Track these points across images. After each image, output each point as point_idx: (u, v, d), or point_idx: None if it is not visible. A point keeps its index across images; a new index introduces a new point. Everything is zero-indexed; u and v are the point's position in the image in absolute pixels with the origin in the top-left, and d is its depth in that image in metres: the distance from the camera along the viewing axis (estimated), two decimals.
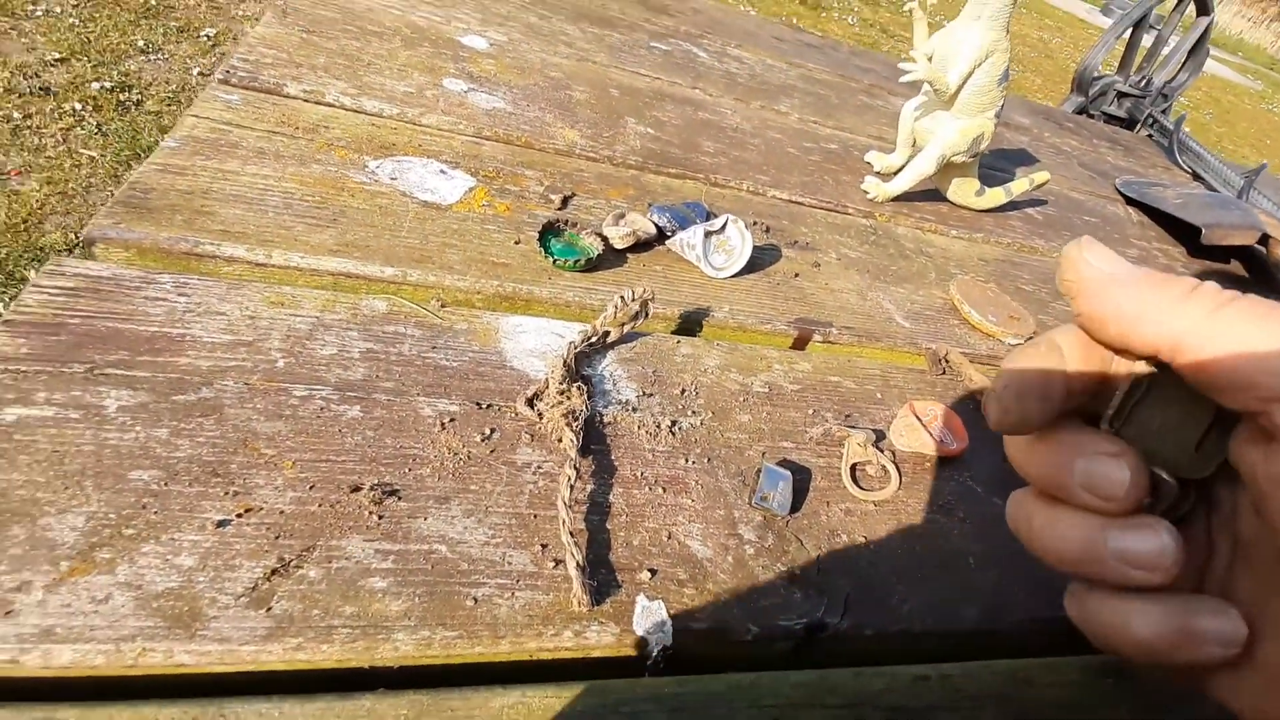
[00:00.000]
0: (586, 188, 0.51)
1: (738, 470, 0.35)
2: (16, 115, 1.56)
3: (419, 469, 0.29)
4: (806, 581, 0.31)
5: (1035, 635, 0.34)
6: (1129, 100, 1.45)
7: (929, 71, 0.58)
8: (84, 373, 0.28)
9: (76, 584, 0.22)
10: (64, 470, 0.25)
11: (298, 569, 0.25)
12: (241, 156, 0.41)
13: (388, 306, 0.36)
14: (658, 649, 0.27)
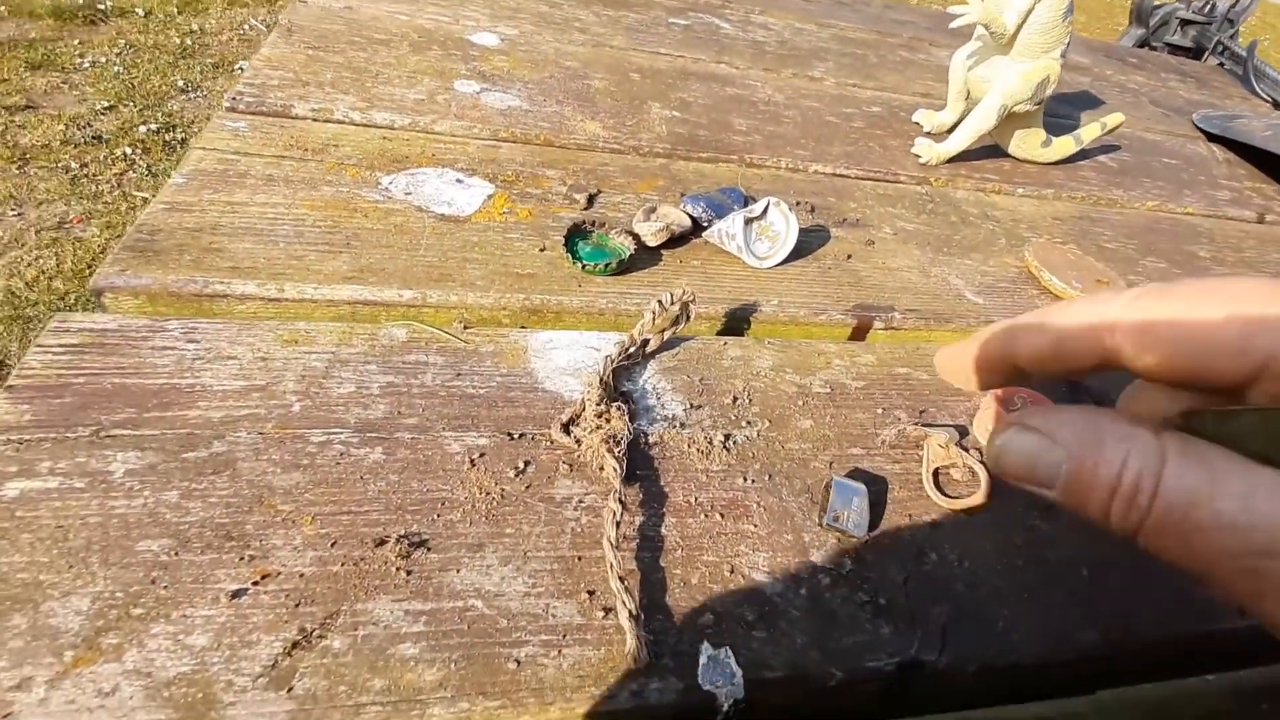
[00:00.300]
0: (612, 183, 0.48)
1: (804, 486, 0.31)
2: (74, 165, 1.63)
3: (449, 514, 0.27)
4: (894, 612, 0.27)
5: (1171, 654, 0.29)
6: (1194, 28, 1.33)
7: (983, 13, 0.52)
8: (89, 436, 0.26)
9: (81, 675, 0.20)
10: (68, 547, 0.23)
11: (321, 640, 0.22)
12: (250, 186, 0.39)
13: (407, 334, 0.33)
14: (729, 703, 0.24)
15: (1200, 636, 0.29)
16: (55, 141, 1.67)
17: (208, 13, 2.28)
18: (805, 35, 0.82)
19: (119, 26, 2.12)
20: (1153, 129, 0.83)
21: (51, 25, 2.03)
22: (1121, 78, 0.99)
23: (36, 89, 1.80)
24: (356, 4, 0.62)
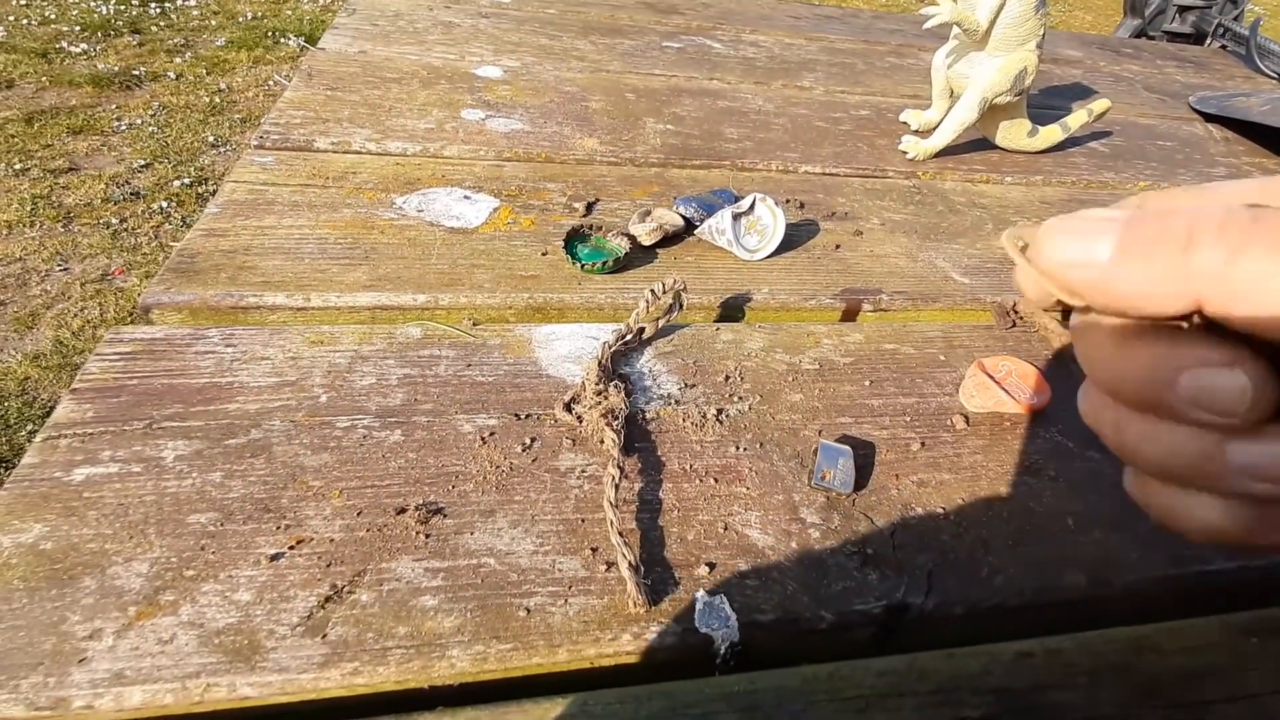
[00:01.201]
0: (610, 191, 0.51)
1: (794, 452, 0.33)
2: (115, 220, 1.72)
3: (462, 485, 0.29)
4: (881, 561, 0.29)
5: (1156, 597, 0.30)
6: (1193, 13, 1.33)
7: (955, 12, 0.55)
8: (143, 428, 0.29)
9: (144, 627, 0.23)
10: (128, 521, 0.26)
11: (350, 594, 0.25)
12: (278, 212, 0.43)
13: (422, 332, 0.36)
14: (725, 646, 0.26)
15: (1187, 577, 0.30)
16: (97, 200, 1.77)
17: (234, 72, 2.41)
18: (794, 49, 0.85)
19: (153, 90, 2.25)
20: (1147, 114, 0.84)
21: (90, 92, 2.16)
22: (1115, 67, 1.01)
23: (78, 152, 1.92)
24: (370, 48, 0.67)
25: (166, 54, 2.44)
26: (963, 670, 0.25)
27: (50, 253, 1.59)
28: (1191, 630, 0.28)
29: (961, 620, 0.28)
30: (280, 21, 2.75)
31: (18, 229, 1.64)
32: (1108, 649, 0.27)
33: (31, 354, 1.36)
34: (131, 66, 2.32)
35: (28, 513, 0.26)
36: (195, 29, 2.64)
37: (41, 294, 1.51)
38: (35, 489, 0.26)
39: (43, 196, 1.73)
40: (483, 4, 0.83)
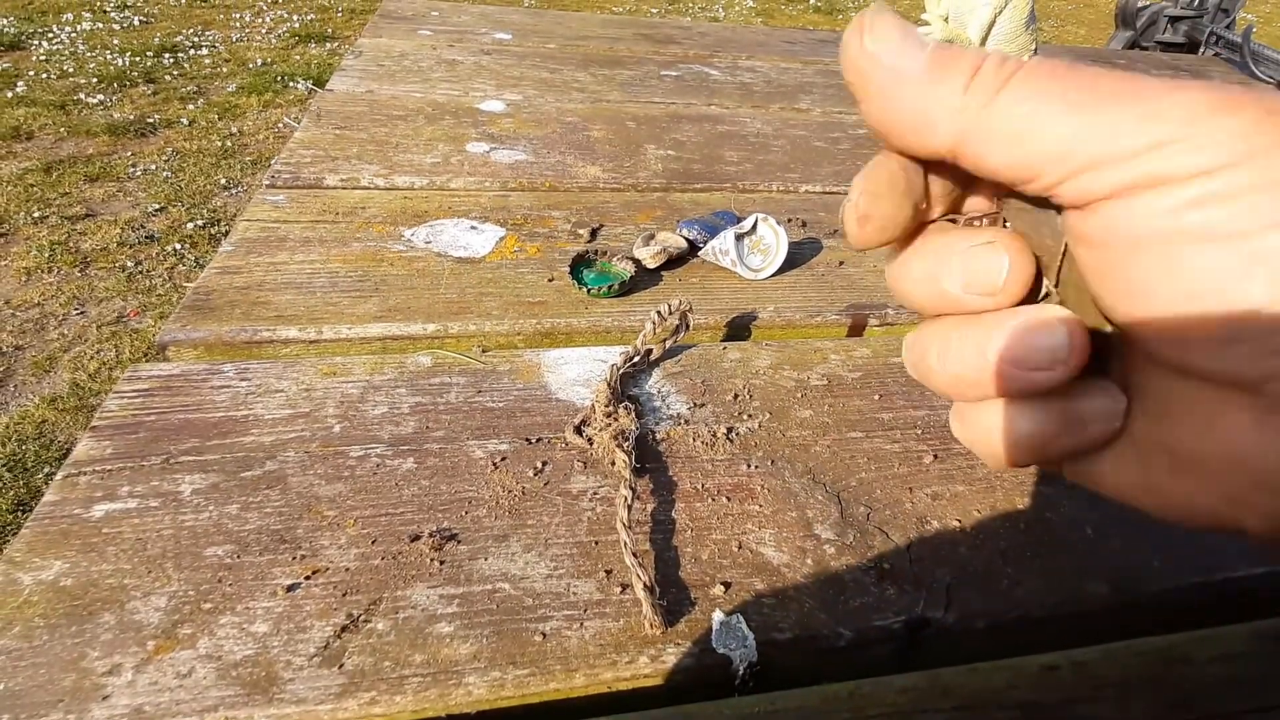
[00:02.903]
0: (614, 217, 0.52)
1: (805, 469, 0.33)
2: (130, 264, 1.76)
3: (475, 510, 0.29)
4: (899, 576, 0.28)
5: (1182, 606, 0.29)
6: (1184, 23, 1.35)
7: (946, 30, 0.56)
8: (161, 463, 0.29)
9: (162, 661, 0.23)
10: (147, 555, 0.26)
11: (366, 623, 0.25)
12: (290, 248, 0.44)
13: (432, 360, 0.37)
14: (743, 666, 0.25)
15: (1213, 585, 0.30)
16: (113, 244, 1.81)
17: (245, 116, 2.47)
18: (791, 73, 0.87)
19: (166, 136, 2.31)
20: None
21: (106, 141, 2.22)
22: None
23: (95, 198, 1.97)
24: (376, 87, 0.69)
25: (180, 101, 2.51)
26: (987, 685, 0.25)
27: (67, 297, 1.63)
28: (1221, 639, 0.28)
29: (983, 634, 0.28)
30: (289, 67, 2.83)
31: (36, 275, 1.68)
32: (1135, 660, 0.26)
33: (49, 397, 1.38)
34: (146, 115, 2.39)
35: (48, 550, 0.26)
36: (207, 76, 2.72)
37: (59, 337, 1.54)
38: (55, 526, 0.27)
39: (60, 243, 1.77)
40: (484, 41, 0.86)
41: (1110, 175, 0.13)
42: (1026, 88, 0.13)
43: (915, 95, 0.14)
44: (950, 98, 0.14)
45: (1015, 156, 0.13)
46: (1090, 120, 0.13)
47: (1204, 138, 0.12)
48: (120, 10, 3.28)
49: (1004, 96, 0.13)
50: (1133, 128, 0.12)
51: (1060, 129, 0.13)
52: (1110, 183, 0.13)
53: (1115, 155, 0.12)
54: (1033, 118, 0.13)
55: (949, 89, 0.14)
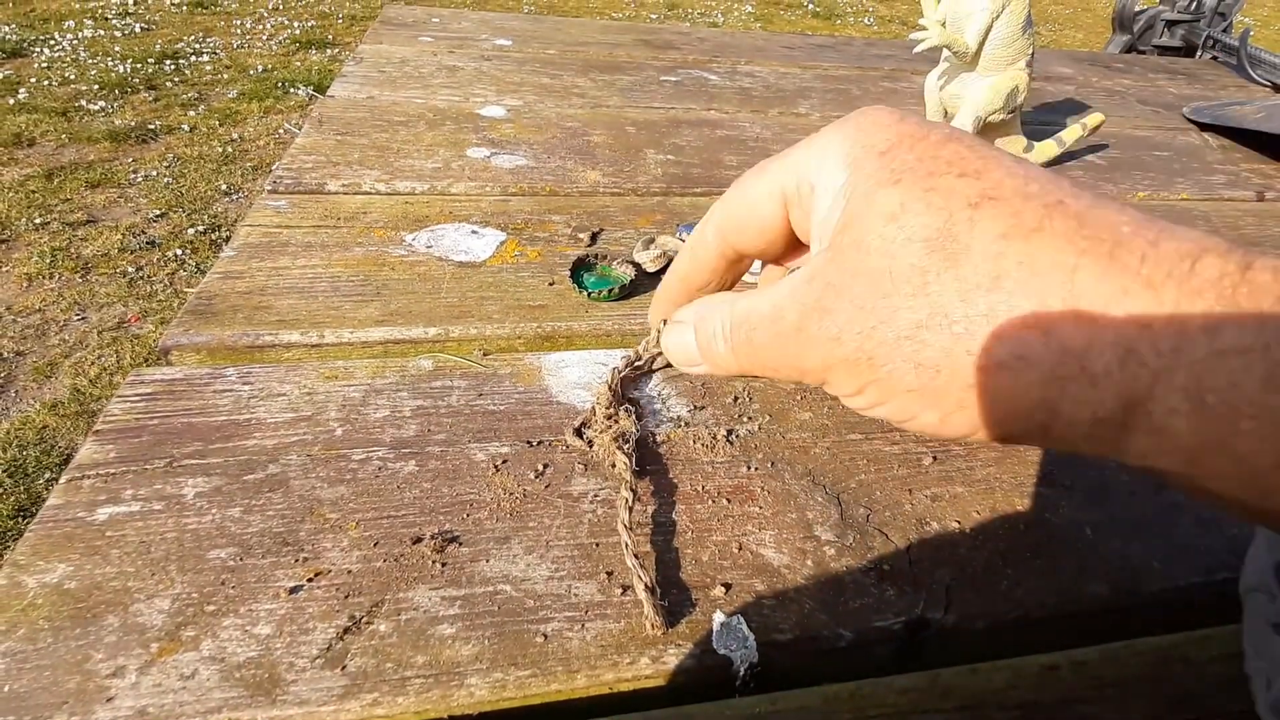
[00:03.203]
0: (614, 221, 0.52)
1: (806, 470, 0.33)
2: (131, 269, 1.76)
3: (477, 513, 0.29)
4: (899, 577, 0.29)
5: (1182, 606, 0.29)
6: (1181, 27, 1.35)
7: (943, 36, 0.56)
8: (164, 467, 0.30)
9: (166, 663, 0.23)
10: (150, 558, 0.26)
11: (368, 625, 0.25)
12: (291, 253, 0.44)
13: (433, 364, 0.37)
14: (744, 666, 0.25)
15: (1212, 585, 0.30)
16: (114, 250, 1.81)
17: (246, 122, 2.48)
18: (790, 78, 0.87)
19: (167, 142, 2.32)
20: (1142, 126, 0.85)
21: (107, 147, 2.23)
22: (1107, 82, 1.02)
23: (96, 205, 1.97)
24: (377, 93, 0.69)
25: (181, 108, 2.52)
26: (987, 685, 0.25)
27: (68, 303, 1.63)
28: (1221, 639, 0.28)
29: (983, 634, 0.28)
30: (290, 73, 2.84)
31: (38, 281, 1.68)
32: (1135, 660, 0.27)
33: (50, 402, 1.38)
34: (147, 121, 2.40)
35: (52, 553, 0.26)
36: (208, 83, 2.73)
37: (60, 343, 1.54)
38: (59, 529, 0.27)
39: (62, 249, 1.78)
40: (485, 48, 0.86)
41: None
42: (742, 349, 0.19)
43: (722, 372, 0.21)
44: (727, 369, 0.20)
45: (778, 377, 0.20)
46: (782, 373, 0.19)
47: (834, 385, 0.18)
48: (122, 17, 3.30)
49: (739, 359, 0.19)
50: (803, 378, 0.18)
51: (780, 373, 0.19)
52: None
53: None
54: (763, 368, 0.19)
55: (721, 364, 0.20)
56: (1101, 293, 0.14)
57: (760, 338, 0.18)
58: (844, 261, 0.16)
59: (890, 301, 0.15)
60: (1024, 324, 0.14)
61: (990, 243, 0.15)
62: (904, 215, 0.15)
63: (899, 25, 4.38)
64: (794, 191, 0.18)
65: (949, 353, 0.15)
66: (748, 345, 0.19)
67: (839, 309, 0.16)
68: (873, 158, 0.16)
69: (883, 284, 0.15)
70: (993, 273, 0.14)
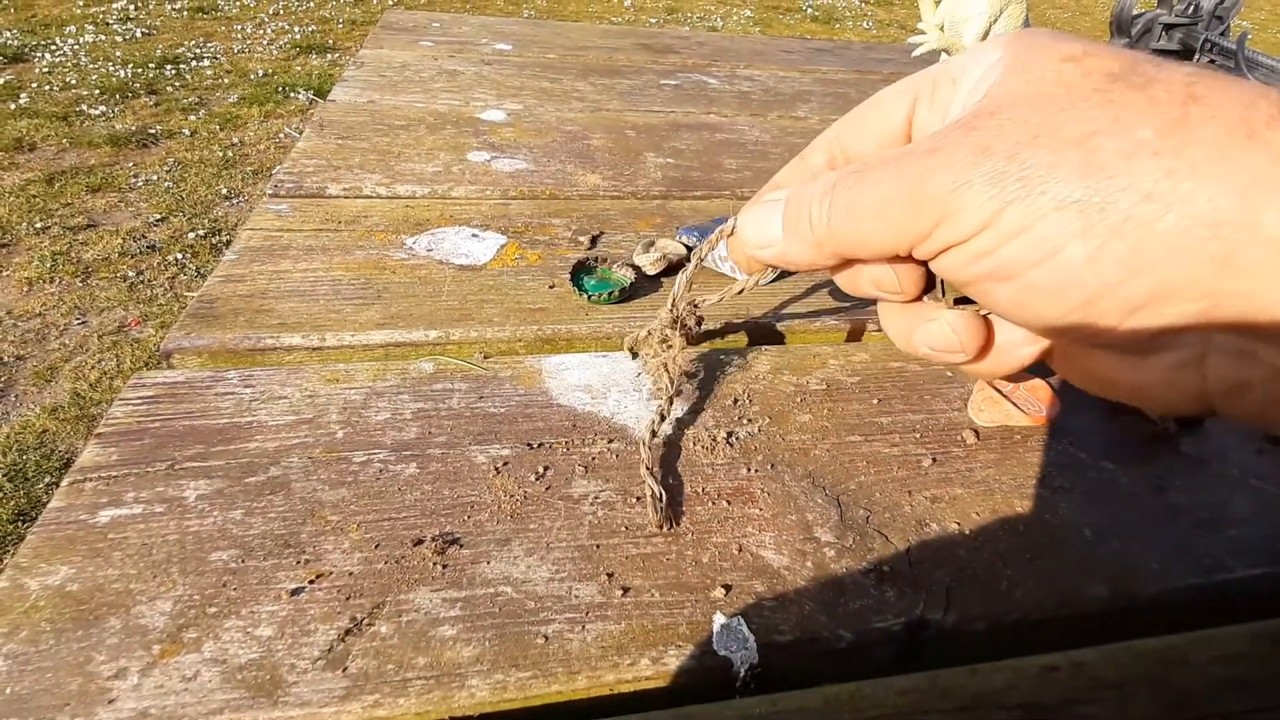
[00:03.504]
0: (613, 224, 0.52)
1: (805, 473, 0.33)
2: (131, 274, 1.76)
3: (477, 515, 0.29)
4: (899, 578, 0.29)
5: (1181, 607, 0.30)
6: (1179, 30, 1.36)
7: (942, 39, 0.57)
8: (166, 469, 0.30)
9: (168, 665, 0.23)
10: (152, 560, 0.26)
11: (369, 626, 0.25)
12: (293, 256, 0.45)
13: (434, 367, 0.37)
14: (744, 668, 0.25)
15: (1211, 586, 0.30)
16: (114, 254, 1.81)
17: (246, 126, 2.49)
18: (789, 82, 0.88)
19: (168, 147, 2.32)
20: None
21: (108, 152, 2.24)
22: None
23: (97, 209, 1.98)
24: (378, 98, 0.69)
25: (181, 112, 2.53)
26: (987, 686, 0.25)
27: (69, 307, 1.63)
28: (1219, 640, 0.28)
29: (982, 636, 0.28)
30: (290, 77, 2.85)
31: (38, 285, 1.69)
32: (1134, 662, 0.27)
33: (50, 406, 1.38)
34: (148, 126, 2.41)
35: (54, 555, 0.26)
36: (209, 87, 2.74)
37: (60, 347, 1.54)
38: (62, 532, 0.27)
39: (62, 253, 1.78)
40: (485, 52, 0.86)
41: (922, 250, 0.17)
42: (840, 209, 0.18)
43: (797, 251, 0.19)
44: (808, 248, 0.19)
45: (862, 253, 0.18)
46: (882, 226, 0.17)
47: (960, 213, 0.15)
48: (123, 22, 3.31)
49: (834, 218, 0.18)
50: (915, 222, 0.16)
51: (873, 237, 0.17)
52: (925, 254, 0.17)
53: (914, 242, 0.16)
54: (857, 234, 0.17)
55: (804, 236, 0.19)
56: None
57: (874, 176, 0.16)
58: (1002, 91, 0.15)
59: (1058, 115, 0.14)
60: (1229, 131, 0.13)
61: (1179, 77, 0.13)
62: (1085, 58, 0.14)
63: (897, 29, 4.40)
64: (928, 89, 0.18)
65: (1129, 156, 0.13)
66: (853, 193, 0.17)
67: (988, 126, 0.14)
68: (1035, 38, 0.16)
69: (1053, 100, 0.14)
70: (1185, 96, 0.13)
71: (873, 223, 0.17)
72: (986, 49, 0.16)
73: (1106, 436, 0.36)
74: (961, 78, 0.17)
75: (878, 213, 0.16)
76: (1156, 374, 0.15)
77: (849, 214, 0.17)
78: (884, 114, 0.19)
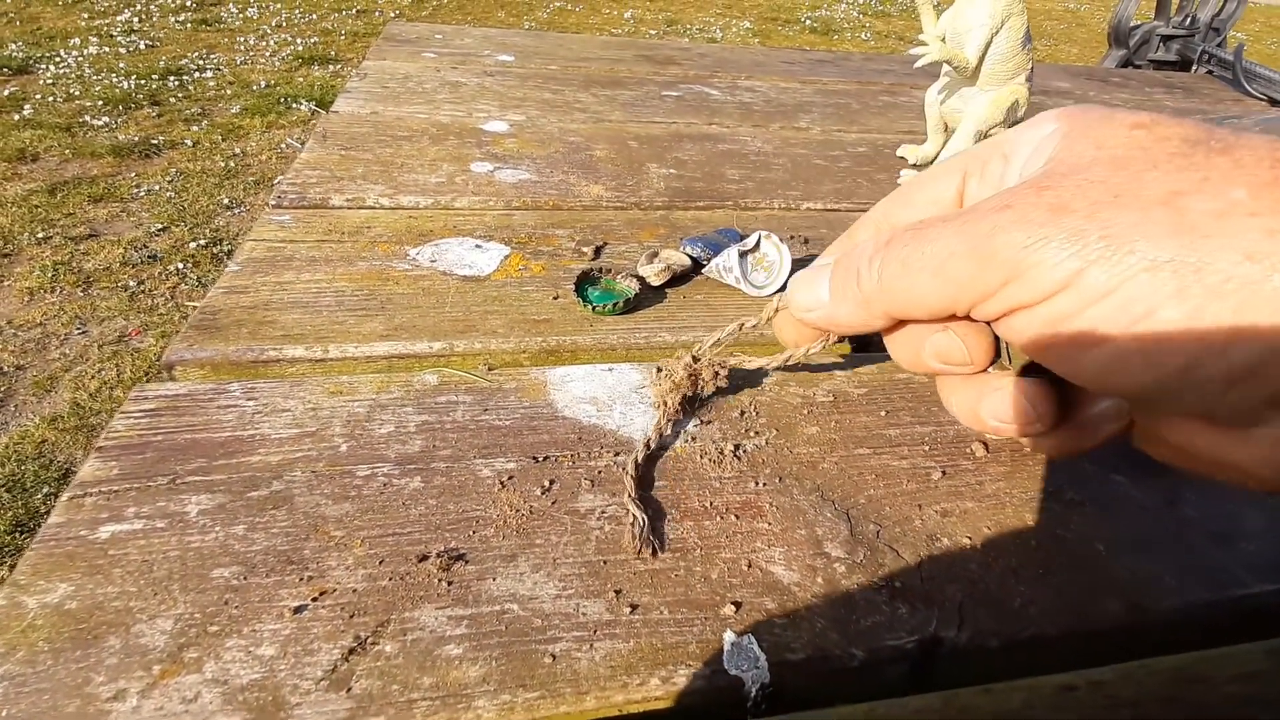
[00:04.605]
0: (617, 235, 0.52)
1: (814, 486, 0.32)
2: (132, 283, 1.76)
3: (483, 530, 0.29)
4: (911, 594, 0.28)
5: (1196, 625, 0.29)
6: (1176, 42, 1.36)
7: (944, 51, 0.57)
8: (167, 484, 0.29)
9: (168, 686, 0.23)
10: (153, 577, 0.26)
11: (374, 645, 0.25)
12: (296, 267, 0.44)
13: (438, 379, 0.37)
14: (756, 687, 0.25)
15: (1227, 602, 0.30)
16: (115, 264, 1.82)
17: (248, 137, 2.50)
18: (790, 93, 0.88)
19: (170, 157, 2.33)
20: None
21: (110, 162, 2.24)
22: (1104, 96, 1.03)
23: (99, 219, 1.98)
24: (381, 109, 0.69)
25: (184, 123, 2.54)
26: (1004, 706, 0.24)
27: (69, 317, 1.63)
28: (1236, 658, 0.27)
29: (997, 653, 0.27)
30: (292, 88, 2.86)
31: (39, 295, 1.69)
32: (1151, 680, 0.26)
33: (49, 416, 1.38)
34: (150, 136, 2.42)
35: (53, 572, 0.26)
36: (211, 98, 2.76)
37: (60, 357, 1.54)
38: (61, 548, 0.27)
39: (63, 263, 1.78)
40: (487, 63, 0.87)
41: (984, 310, 0.16)
42: (893, 265, 0.17)
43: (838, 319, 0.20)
44: (856, 307, 0.18)
45: (912, 310, 0.18)
46: (938, 282, 0.16)
47: (1034, 271, 0.14)
48: (126, 34, 3.33)
49: (885, 275, 0.17)
50: (978, 279, 0.15)
51: (928, 294, 0.17)
52: (986, 314, 0.16)
53: (974, 300, 0.16)
54: (910, 291, 0.17)
55: (849, 291, 0.18)
56: None
57: (932, 233, 0.16)
58: (1070, 155, 0.15)
59: (1141, 175, 0.13)
60: None
61: (1262, 143, 0.13)
62: (1155, 125, 0.14)
63: (895, 40, 4.43)
64: (978, 164, 0.18)
65: (1223, 216, 0.12)
66: (909, 249, 0.16)
67: (1064, 185, 0.14)
68: (1090, 110, 0.16)
69: (1131, 162, 0.14)
70: (1272, 160, 0.13)
71: (929, 279, 0.16)
72: (1039, 123, 0.16)
73: (1116, 448, 0.36)
74: (1014, 153, 0.17)
75: (936, 268, 0.16)
76: (1261, 450, 0.14)
77: (903, 270, 0.16)
78: (933, 189, 0.19)
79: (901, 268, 0.16)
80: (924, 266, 0.16)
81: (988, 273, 0.15)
